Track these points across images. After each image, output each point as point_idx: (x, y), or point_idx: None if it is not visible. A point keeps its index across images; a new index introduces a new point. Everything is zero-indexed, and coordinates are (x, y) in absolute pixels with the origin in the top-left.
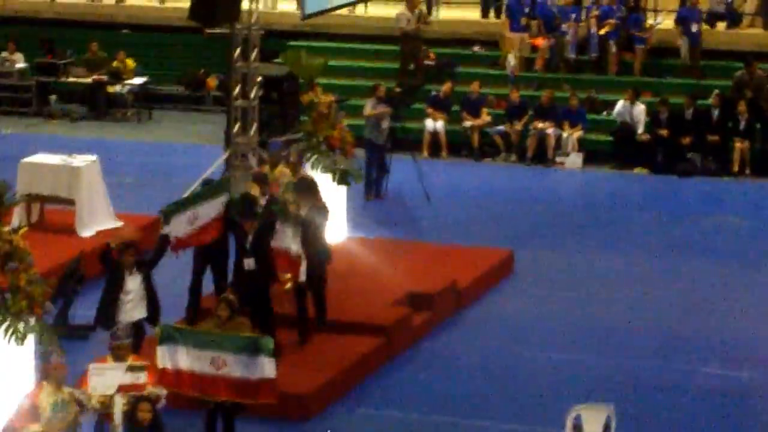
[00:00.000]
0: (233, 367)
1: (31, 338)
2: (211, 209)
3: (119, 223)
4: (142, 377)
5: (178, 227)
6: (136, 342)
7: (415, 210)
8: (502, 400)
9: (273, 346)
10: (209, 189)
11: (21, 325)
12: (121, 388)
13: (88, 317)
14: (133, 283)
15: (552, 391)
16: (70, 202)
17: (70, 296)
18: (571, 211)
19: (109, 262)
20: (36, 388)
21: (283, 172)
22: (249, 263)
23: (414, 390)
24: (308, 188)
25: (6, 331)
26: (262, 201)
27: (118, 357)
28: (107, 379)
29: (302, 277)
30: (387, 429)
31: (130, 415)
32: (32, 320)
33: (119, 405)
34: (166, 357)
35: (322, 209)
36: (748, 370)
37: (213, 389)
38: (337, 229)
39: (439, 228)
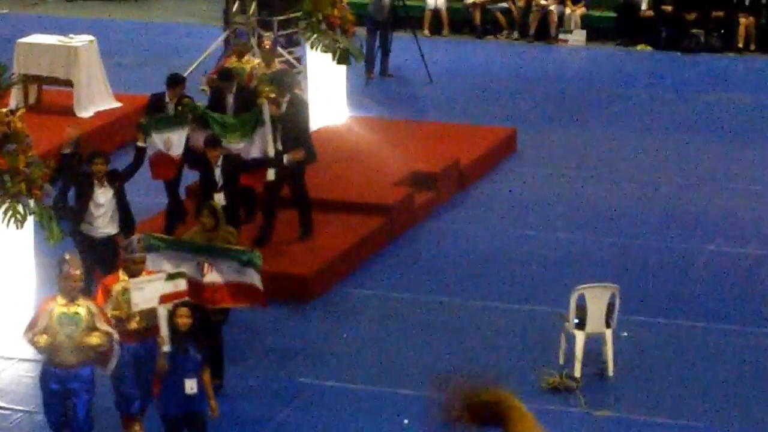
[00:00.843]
0: (223, 271)
1: (30, 221)
2: (180, 141)
3: (117, 104)
4: (182, 284)
5: (155, 145)
6: (112, 260)
7: (416, 88)
8: (505, 280)
9: (262, 262)
10: (186, 117)
11: (20, 208)
12: (163, 299)
13: None
14: (105, 196)
15: (555, 271)
16: (68, 83)
17: (69, 177)
18: (574, 89)
19: (69, 170)
20: (50, 297)
21: (253, 63)
22: (219, 198)
23: (417, 270)
24: (285, 80)
25: (5, 213)
26: (230, 99)
27: (133, 272)
28: (147, 292)
29: (270, 176)
30: (389, 309)
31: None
32: (31, 202)
33: (163, 317)
34: (149, 266)
35: (302, 103)
36: (754, 246)
37: (203, 294)
38: (338, 109)
39: (440, 107)
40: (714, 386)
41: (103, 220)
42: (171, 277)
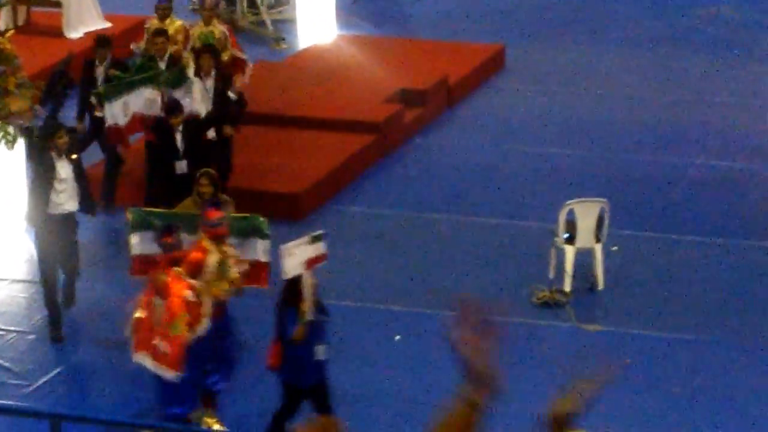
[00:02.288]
0: None
1: (21, 143)
2: (139, 100)
3: (107, 24)
4: (322, 247)
5: (116, 113)
6: (74, 239)
7: (404, 6)
8: (495, 195)
9: (267, 227)
10: (143, 76)
11: (11, 129)
12: (308, 263)
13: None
14: (66, 170)
15: (545, 187)
16: (57, 4)
17: (59, 99)
18: (562, 5)
19: (56, 91)
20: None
21: (176, 24)
22: (181, 166)
23: (407, 187)
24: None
25: None
26: (101, 70)
27: (219, 241)
28: (296, 257)
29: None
30: (380, 226)
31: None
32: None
33: (308, 285)
34: (140, 245)
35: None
36: (742, 159)
37: None
38: (326, 28)
39: (429, 24)
40: (702, 299)
41: (65, 196)
42: (314, 239)
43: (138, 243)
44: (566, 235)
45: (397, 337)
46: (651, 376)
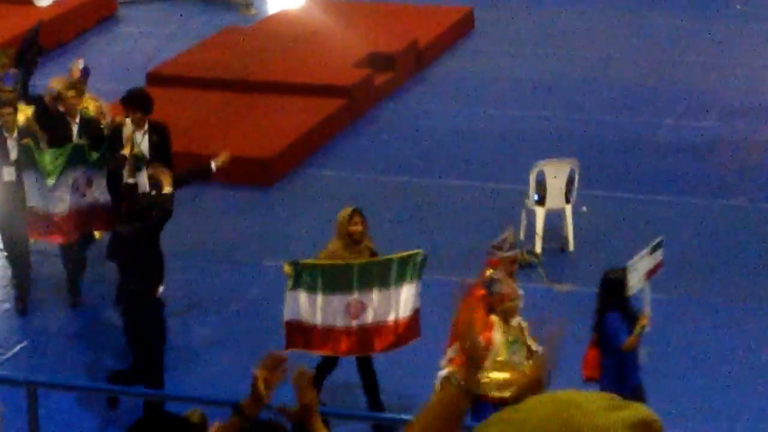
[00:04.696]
0: (385, 305)
1: None
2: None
3: None
4: (659, 254)
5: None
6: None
7: None
8: (464, 158)
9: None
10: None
11: None
12: (648, 274)
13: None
14: (14, 152)
15: (515, 148)
16: None
17: (29, 67)
18: None
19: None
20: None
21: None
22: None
23: (377, 151)
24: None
25: None
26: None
27: (509, 272)
28: (639, 271)
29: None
30: (351, 190)
31: None
32: None
33: (648, 292)
34: (289, 306)
35: None
36: (712, 119)
37: (341, 346)
38: None
39: None
40: (671, 258)
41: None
42: (653, 249)
43: (293, 305)
44: (536, 197)
45: None
46: None
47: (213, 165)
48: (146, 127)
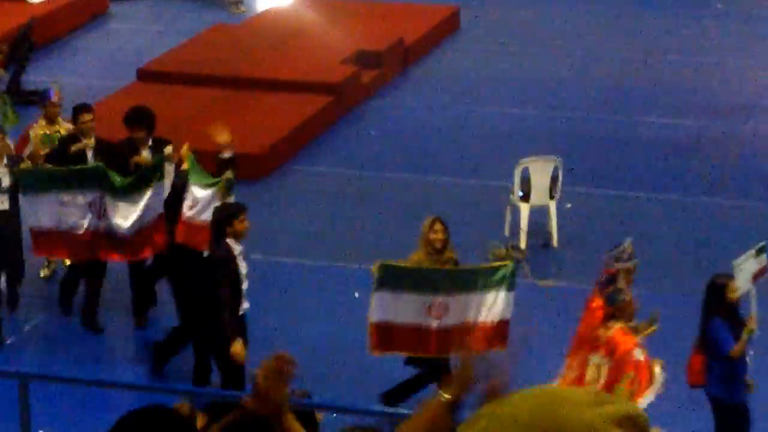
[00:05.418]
0: (468, 309)
1: None
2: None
3: None
4: (765, 258)
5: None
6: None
7: None
8: (450, 155)
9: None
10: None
11: None
12: (754, 276)
13: (39, 84)
14: (6, 179)
15: (501, 146)
16: None
17: (21, 62)
18: None
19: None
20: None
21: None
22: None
23: (364, 147)
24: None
25: None
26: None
27: (629, 281)
28: (746, 272)
29: None
30: (339, 186)
31: None
32: None
33: (754, 296)
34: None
35: None
36: (693, 117)
37: (429, 347)
38: None
39: None
40: (654, 254)
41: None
42: (758, 252)
43: (379, 306)
44: (521, 193)
45: (357, 294)
46: None
47: (225, 154)
48: (150, 143)
